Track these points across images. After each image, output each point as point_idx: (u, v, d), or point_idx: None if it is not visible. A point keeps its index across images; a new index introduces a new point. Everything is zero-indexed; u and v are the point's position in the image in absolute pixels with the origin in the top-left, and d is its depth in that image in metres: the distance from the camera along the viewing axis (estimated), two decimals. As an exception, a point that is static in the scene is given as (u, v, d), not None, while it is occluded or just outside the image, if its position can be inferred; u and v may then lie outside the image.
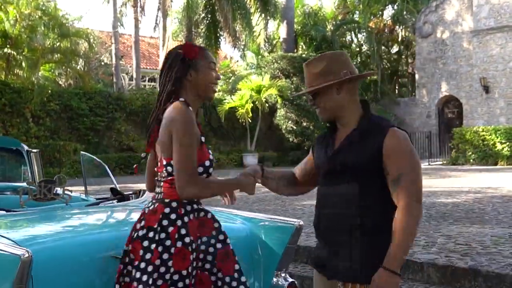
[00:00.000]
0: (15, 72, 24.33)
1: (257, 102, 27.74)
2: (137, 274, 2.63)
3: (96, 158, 5.71)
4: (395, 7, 36.58)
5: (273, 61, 29.97)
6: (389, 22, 36.66)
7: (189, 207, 2.74)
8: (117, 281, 2.79)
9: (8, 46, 23.33)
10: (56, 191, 4.26)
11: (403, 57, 38.49)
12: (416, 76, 32.32)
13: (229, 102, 27.60)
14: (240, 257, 2.97)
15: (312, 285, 2.98)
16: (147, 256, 2.63)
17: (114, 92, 28.13)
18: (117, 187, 4.89)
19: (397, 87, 39.98)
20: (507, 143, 24.17)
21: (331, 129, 2.85)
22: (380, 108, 31.66)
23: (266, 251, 3.46)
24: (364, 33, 36.36)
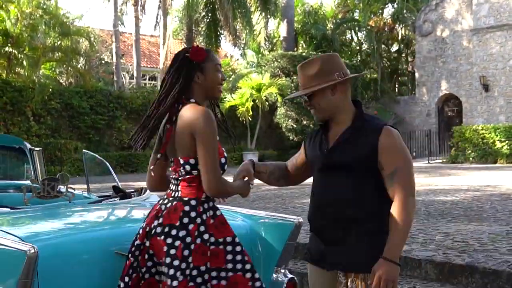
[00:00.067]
0: (16, 71, 24.37)
1: (257, 101, 27.78)
2: (164, 269, 2.70)
3: (98, 156, 5.77)
4: (395, 5, 36.49)
5: (273, 59, 29.99)
6: (389, 21, 36.58)
7: (206, 205, 2.83)
8: (126, 274, 2.84)
9: (9, 45, 23.34)
10: (59, 189, 4.28)
11: (403, 55, 38.38)
12: (416, 75, 32.21)
13: (229, 101, 27.61)
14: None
15: None
16: (172, 251, 2.70)
17: (114, 90, 28.14)
18: (119, 185, 4.91)
19: (397, 85, 39.86)
20: (507, 142, 24.16)
21: (324, 127, 2.94)
22: (380, 106, 31.58)
23: (266, 248, 3.50)
24: (364, 31, 36.25)
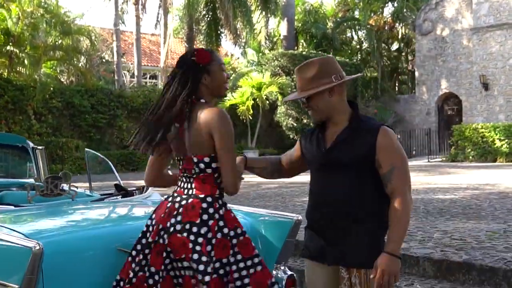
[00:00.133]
0: (18, 70, 24.42)
1: (257, 99, 27.80)
2: (193, 265, 2.77)
3: (100, 155, 5.84)
4: (395, 4, 36.47)
5: (274, 58, 30.00)
6: (389, 20, 36.53)
7: (221, 201, 2.93)
8: (130, 269, 2.90)
9: (10, 44, 23.37)
10: (62, 187, 4.34)
11: (403, 54, 38.32)
12: (416, 73, 32.17)
13: (229, 99, 27.63)
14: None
15: None
16: (197, 248, 2.78)
17: (115, 89, 28.19)
18: (121, 183, 4.98)
19: (397, 84, 39.82)
20: (506, 140, 24.16)
21: (320, 127, 3.03)
22: (380, 105, 31.59)
23: (265, 245, 3.55)
24: (364, 30, 36.24)
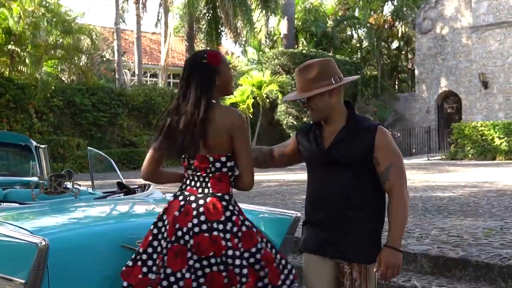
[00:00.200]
0: (19, 69, 24.47)
1: (258, 98, 27.87)
2: (229, 260, 2.88)
3: (102, 153, 5.91)
4: (395, 3, 36.53)
5: (274, 57, 30.03)
6: (389, 18, 36.52)
7: (233, 198, 3.06)
8: (147, 271, 2.96)
9: (12, 43, 23.43)
10: (66, 185, 4.43)
11: (403, 52, 38.32)
12: (416, 72, 32.22)
13: (230, 98, 27.67)
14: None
15: None
16: (229, 244, 2.89)
17: (116, 88, 28.22)
18: (123, 181, 5.06)
19: (397, 82, 39.85)
20: (505, 138, 24.25)
21: (318, 125, 3.14)
22: (380, 103, 31.65)
23: (265, 242, 3.67)
24: (364, 29, 36.31)
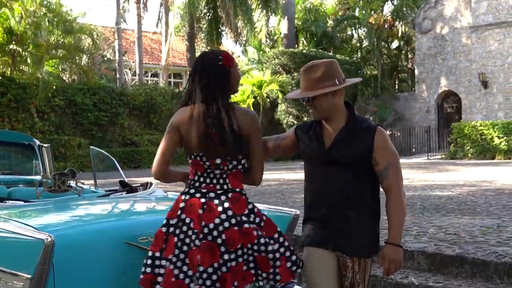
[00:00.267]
0: (21, 68, 24.59)
1: (258, 97, 27.97)
2: (262, 248, 3.05)
3: (105, 152, 6.00)
4: (395, 3, 36.55)
5: (274, 56, 30.10)
6: (389, 18, 36.52)
7: None
8: (175, 273, 2.99)
9: (13, 43, 23.52)
10: (69, 183, 4.53)
11: (403, 52, 38.31)
12: (416, 71, 32.26)
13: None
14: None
15: None
16: (259, 233, 3.07)
17: (117, 87, 28.30)
18: (125, 179, 5.15)
19: (397, 82, 39.85)
20: (505, 138, 24.36)
21: (318, 123, 3.25)
22: (380, 103, 31.68)
23: (265, 239, 3.76)
24: (364, 28, 36.33)
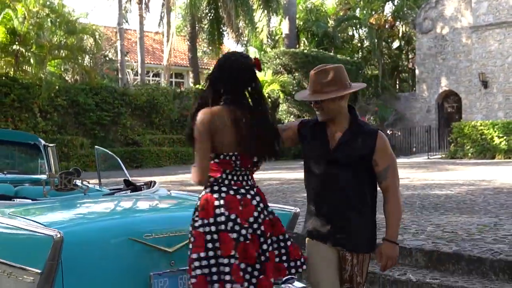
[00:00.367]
0: (24, 68, 24.67)
1: (259, 97, 28.02)
2: (287, 235, 3.27)
3: (109, 152, 6.13)
4: (396, 3, 36.60)
5: (276, 56, 30.15)
6: (389, 18, 36.58)
7: None
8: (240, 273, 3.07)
9: (16, 43, 23.59)
10: (75, 182, 4.63)
11: (404, 52, 38.37)
12: (416, 71, 32.32)
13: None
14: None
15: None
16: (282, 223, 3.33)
17: (119, 87, 28.33)
18: (129, 178, 5.28)
19: (397, 82, 39.91)
20: (505, 137, 24.41)
21: (321, 123, 3.43)
22: (381, 103, 31.73)
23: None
24: (365, 28, 36.37)
